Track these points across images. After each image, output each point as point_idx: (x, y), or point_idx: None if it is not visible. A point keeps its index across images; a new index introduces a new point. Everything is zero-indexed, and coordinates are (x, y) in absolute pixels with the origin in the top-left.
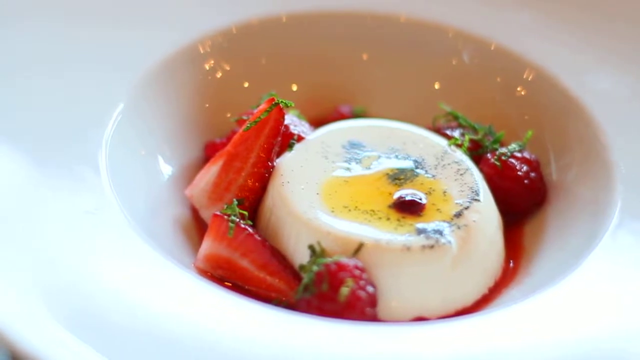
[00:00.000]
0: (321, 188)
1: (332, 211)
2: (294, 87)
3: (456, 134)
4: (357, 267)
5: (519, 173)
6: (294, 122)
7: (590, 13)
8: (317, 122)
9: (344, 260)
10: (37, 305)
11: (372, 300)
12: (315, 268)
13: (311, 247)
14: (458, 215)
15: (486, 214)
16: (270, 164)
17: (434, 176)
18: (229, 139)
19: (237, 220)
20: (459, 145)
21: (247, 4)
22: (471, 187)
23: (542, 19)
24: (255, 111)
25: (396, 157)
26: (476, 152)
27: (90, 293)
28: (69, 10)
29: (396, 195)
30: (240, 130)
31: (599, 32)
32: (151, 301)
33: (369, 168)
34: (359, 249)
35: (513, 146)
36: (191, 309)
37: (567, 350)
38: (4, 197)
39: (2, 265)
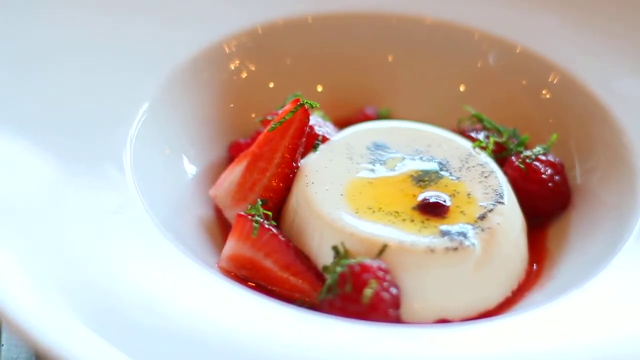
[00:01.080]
0: (345, 189)
1: (356, 212)
2: (319, 88)
3: (481, 136)
4: (380, 269)
5: (543, 176)
6: (318, 123)
7: (617, 17)
8: (342, 123)
9: (368, 261)
10: (60, 304)
11: (396, 302)
12: (338, 269)
13: (335, 248)
14: (482, 217)
15: (510, 217)
16: (294, 164)
17: (458, 178)
18: (253, 139)
19: (261, 220)
20: (484, 148)
21: (273, 4)
22: (495, 190)
23: (568, 23)
24: (280, 112)
25: (420, 159)
26: (500, 155)
27: (114, 292)
28: (95, 9)
29: (420, 197)
30: (265, 131)
31: (625, 36)
32: (175, 301)
33: (394, 170)
34: (382, 250)
35: (537, 149)
36: (214, 309)
37: (589, 354)
38: (28, 194)
39: (26, 263)
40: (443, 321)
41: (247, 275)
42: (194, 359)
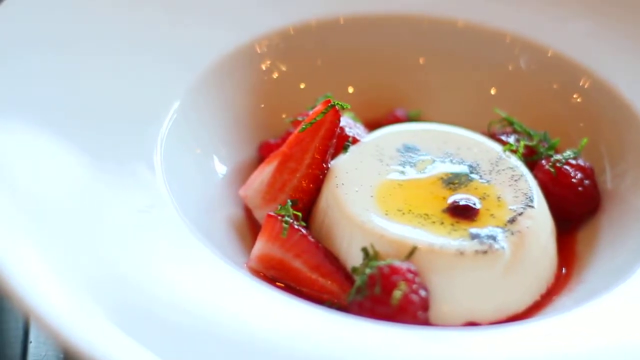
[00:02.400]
0: (375, 191)
1: (386, 214)
2: (350, 89)
3: (511, 139)
4: (410, 271)
5: (573, 180)
6: (349, 124)
7: None
8: (372, 125)
9: (397, 263)
10: (89, 302)
11: (425, 304)
12: (368, 271)
13: (364, 250)
14: (512, 221)
15: (540, 221)
16: (324, 165)
17: (488, 181)
18: (283, 139)
19: (291, 221)
20: (514, 151)
21: (305, 5)
22: (525, 194)
23: (599, 27)
24: (311, 112)
25: (451, 161)
26: (531, 159)
27: (143, 291)
28: (128, 7)
29: (450, 200)
30: (296, 131)
31: None
32: (203, 300)
33: (424, 172)
34: (412, 252)
35: (568, 153)
36: (243, 309)
37: (618, 359)
38: (59, 192)
39: (55, 261)
40: (471, 324)
41: (276, 275)
42: (222, 358)
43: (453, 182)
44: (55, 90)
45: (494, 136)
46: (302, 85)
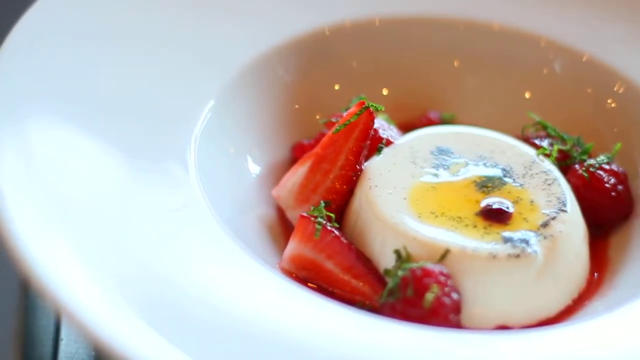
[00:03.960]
0: (408, 193)
1: (419, 216)
2: (385, 91)
3: (545, 143)
4: (442, 274)
5: (607, 185)
6: (383, 126)
7: None
8: (406, 127)
9: (430, 266)
10: (121, 300)
11: (457, 307)
12: (400, 273)
13: (397, 252)
14: (545, 225)
15: (573, 225)
16: (358, 167)
17: (521, 185)
18: (317, 140)
19: (324, 222)
20: (547, 155)
21: (341, 6)
22: (558, 198)
23: (635, 32)
24: (345, 114)
25: (484, 164)
26: (564, 163)
27: (175, 289)
28: (164, 6)
29: (483, 203)
30: (330, 133)
31: None
32: (236, 300)
33: (457, 175)
34: (444, 255)
35: (601, 158)
36: (275, 309)
37: None
38: (92, 189)
39: (87, 258)
40: (503, 327)
41: (308, 276)
42: (253, 359)
43: (486, 185)
44: (90, 89)
45: (527, 140)
46: (337, 87)
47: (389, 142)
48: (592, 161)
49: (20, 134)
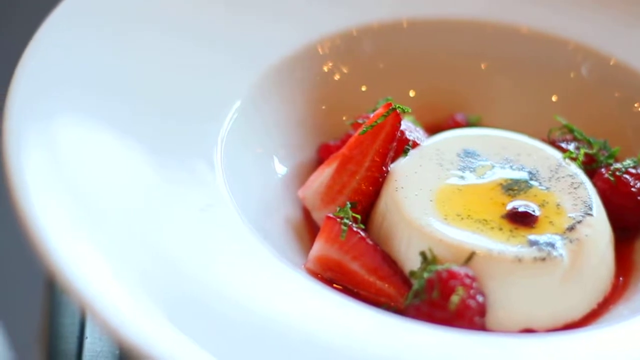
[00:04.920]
0: (434, 195)
1: (445, 219)
2: (412, 93)
3: (571, 147)
4: (468, 276)
5: (633, 189)
6: (409, 128)
7: None
8: (432, 129)
9: (455, 268)
10: (146, 300)
11: (482, 310)
12: (426, 275)
13: (422, 254)
14: (571, 228)
15: (598, 229)
16: (384, 168)
17: (547, 188)
18: (343, 141)
19: (350, 223)
20: (574, 159)
21: (368, 7)
22: (585, 201)
23: None
24: (371, 115)
25: (510, 167)
26: (590, 167)
27: (200, 289)
28: (192, 4)
29: (509, 206)
30: (356, 134)
31: None
32: (262, 300)
33: (483, 177)
34: (470, 257)
35: (628, 162)
36: (300, 310)
37: None
38: (119, 188)
39: (113, 257)
40: (528, 330)
41: (333, 277)
42: (278, 358)
43: (512, 188)
44: (117, 85)
45: (554, 143)
46: (364, 88)
47: (415, 144)
48: (618, 165)
49: (47, 131)
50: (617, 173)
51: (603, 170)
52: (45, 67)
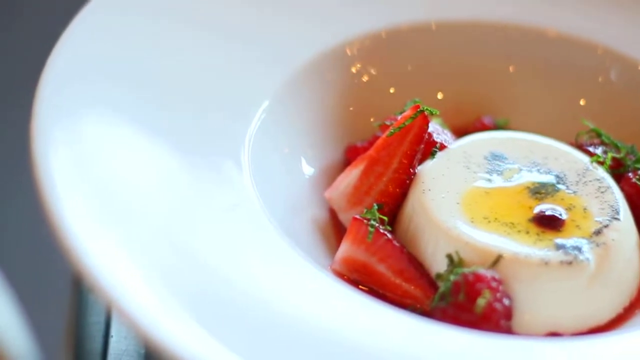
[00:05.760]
0: (461, 198)
1: (472, 221)
2: (439, 95)
3: (599, 151)
4: (494, 279)
5: None
6: (437, 130)
7: None
8: (459, 132)
9: (482, 271)
10: (173, 299)
11: (508, 313)
12: (452, 277)
13: (449, 257)
14: (597, 233)
15: (625, 233)
16: (411, 170)
17: (574, 192)
18: (370, 143)
19: (377, 225)
20: (601, 163)
21: (398, 9)
22: (612, 206)
23: None
24: (399, 117)
25: (537, 171)
26: (617, 171)
27: (226, 288)
28: (219, 5)
29: (536, 210)
30: (384, 136)
31: None
32: (288, 301)
33: (510, 180)
34: (497, 260)
35: None
36: (326, 311)
37: None
38: (145, 187)
39: (139, 256)
40: (553, 334)
41: (359, 278)
42: (304, 359)
43: (539, 191)
44: (145, 83)
45: (581, 147)
46: (392, 90)
47: (442, 147)
48: None
49: (75, 129)
50: None
51: (630, 174)
52: (74, 64)
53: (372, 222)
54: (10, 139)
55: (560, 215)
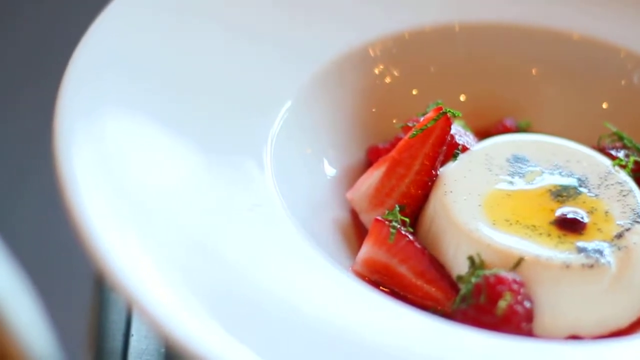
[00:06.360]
0: (483, 200)
1: (493, 224)
2: (462, 97)
3: (621, 154)
4: (515, 282)
5: None
6: (459, 132)
7: None
8: (481, 134)
9: (503, 273)
10: (193, 298)
11: (529, 316)
12: (473, 279)
13: (470, 259)
14: (619, 236)
15: None
16: (433, 172)
17: (596, 195)
18: (392, 144)
19: (399, 226)
20: (623, 166)
21: (421, 11)
22: (633, 209)
23: None
24: (422, 119)
25: (559, 174)
26: (639, 174)
27: (247, 288)
28: (242, 6)
29: (558, 213)
30: (406, 137)
31: None
32: (309, 301)
33: (532, 183)
34: (518, 263)
35: None
36: (347, 312)
37: None
38: (167, 186)
39: (159, 255)
40: (574, 337)
41: (380, 280)
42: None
43: (561, 194)
44: (169, 82)
45: (603, 150)
46: (414, 92)
47: (464, 149)
48: None
49: (97, 128)
50: None
51: None
52: (97, 62)
53: (394, 223)
54: (34, 137)
55: (582, 218)
